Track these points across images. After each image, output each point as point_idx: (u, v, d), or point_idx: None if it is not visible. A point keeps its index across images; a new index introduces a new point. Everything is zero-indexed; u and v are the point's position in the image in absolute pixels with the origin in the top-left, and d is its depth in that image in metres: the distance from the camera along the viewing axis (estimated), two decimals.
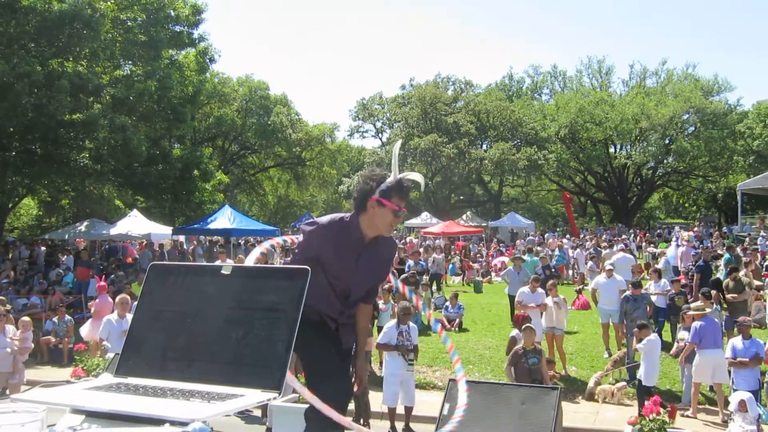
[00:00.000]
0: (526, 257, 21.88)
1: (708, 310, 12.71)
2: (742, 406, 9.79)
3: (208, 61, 36.18)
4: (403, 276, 17.46)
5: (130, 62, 30.61)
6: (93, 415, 2.15)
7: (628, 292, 14.79)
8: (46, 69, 23.96)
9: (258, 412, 12.27)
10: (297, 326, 2.43)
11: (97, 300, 16.36)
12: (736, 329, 12.18)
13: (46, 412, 1.96)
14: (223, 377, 2.40)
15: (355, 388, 4.05)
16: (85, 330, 14.65)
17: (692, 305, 13.36)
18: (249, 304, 2.55)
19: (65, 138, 26.04)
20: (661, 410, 9.19)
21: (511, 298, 17.43)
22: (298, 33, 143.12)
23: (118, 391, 2.36)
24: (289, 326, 2.43)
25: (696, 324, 12.13)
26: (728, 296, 15.77)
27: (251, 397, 2.29)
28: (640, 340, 11.95)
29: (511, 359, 11.01)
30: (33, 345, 13.52)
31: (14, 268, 24.49)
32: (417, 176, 4.31)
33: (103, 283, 18.25)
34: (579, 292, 22.12)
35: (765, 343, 11.54)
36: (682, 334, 12.82)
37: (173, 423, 1.97)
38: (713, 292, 15.56)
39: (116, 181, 31.66)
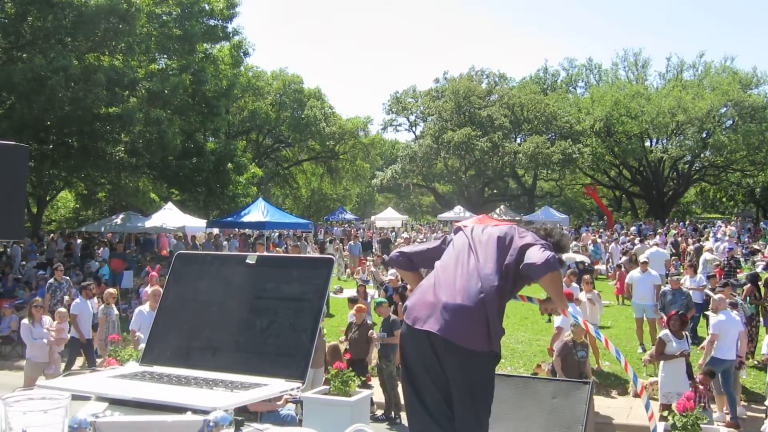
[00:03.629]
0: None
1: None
2: None
3: (242, 54, 36.43)
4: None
5: (165, 56, 30.88)
6: (116, 403, 2.16)
7: (666, 287, 14.64)
8: (83, 63, 24.28)
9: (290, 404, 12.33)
10: (321, 316, 2.42)
11: (146, 288, 16.52)
12: None
13: (69, 399, 1.96)
14: (247, 366, 2.39)
15: None
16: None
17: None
18: (274, 293, 2.54)
19: (101, 131, 26.35)
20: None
21: None
22: (332, 27, 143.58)
23: (142, 380, 2.37)
24: (314, 316, 2.42)
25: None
26: None
27: (275, 386, 2.28)
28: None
29: (561, 350, 10.97)
30: (69, 336, 13.69)
31: (51, 260, 24.81)
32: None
33: (154, 273, 18.45)
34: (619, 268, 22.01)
35: None
36: None
37: (195, 411, 1.97)
38: (747, 286, 15.35)
39: (151, 174, 31.99)
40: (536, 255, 3.83)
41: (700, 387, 10.21)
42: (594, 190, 53.44)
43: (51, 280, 17.33)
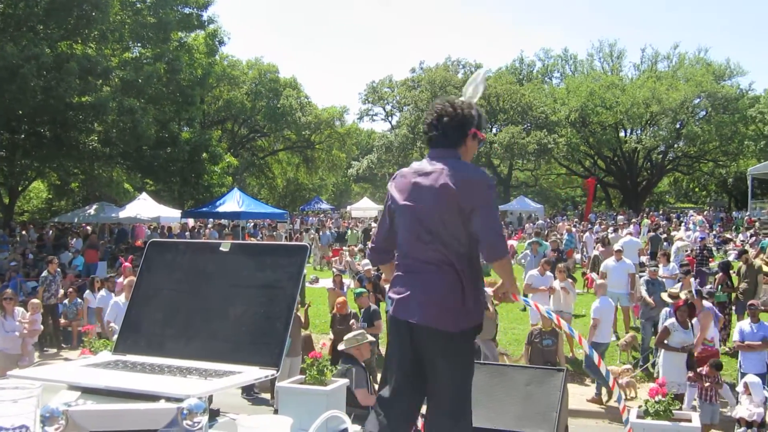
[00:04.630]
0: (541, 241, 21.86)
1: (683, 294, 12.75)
2: (747, 389, 9.78)
3: (217, 43, 36.22)
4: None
5: (138, 44, 30.63)
6: (89, 392, 2.15)
7: (645, 276, 14.75)
8: (55, 51, 23.99)
9: (266, 395, 12.35)
10: (296, 303, 2.42)
11: (120, 280, 16.44)
12: (746, 312, 12.12)
13: (41, 389, 1.94)
14: (222, 354, 2.39)
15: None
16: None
17: (669, 291, 13.31)
18: (248, 281, 2.53)
19: (74, 121, 26.08)
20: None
21: None
22: (308, 16, 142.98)
23: (115, 368, 2.36)
24: (288, 303, 2.42)
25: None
26: (741, 285, 15.55)
27: (249, 374, 2.27)
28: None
29: (527, 339, 11.09)
30: (42, 327, 13.56)
31: (23, 251, 24.55)
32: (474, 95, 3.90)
33: (127, 263, 18.31)
34: (584, 275, 22.18)
35: None
36: None
37: (169, 399, 1.96)
38: (719, 275, 15.51)
39: (125, 164, 31.75)
40: (483, 235, 3.47)
41: (705, 380, 10.05)
42: (593, 185, 53.59)
43: (44, 273, 16.99)
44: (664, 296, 13.13)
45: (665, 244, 24.63)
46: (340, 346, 9.62)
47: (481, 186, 3.51)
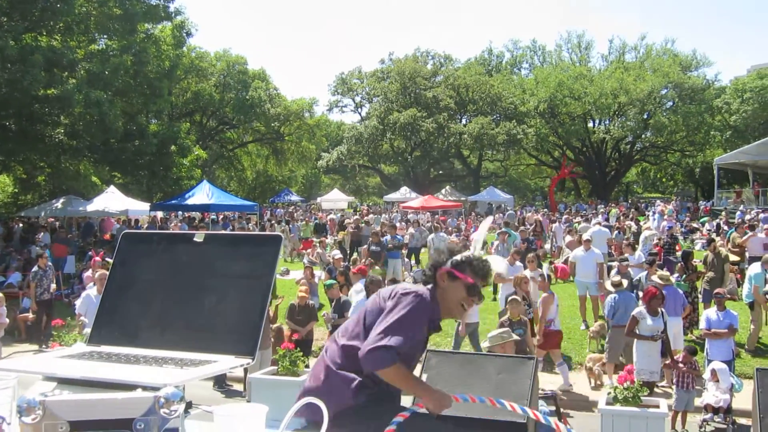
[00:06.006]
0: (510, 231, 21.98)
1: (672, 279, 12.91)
2: (714, 375, 9.92)
3: (184, 35, 35.91)
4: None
5: (105, 36, 30.28)
6: (65, 382, 2.15)
7: (615, 270, 14.89)
8: (20, 43, 23.64)
9: (238, 387, 12.35)
10: (270, 292, 2.44)
11: (88, 273, 16.32)
12: (712, 300, 12.30)
13: (17, 380, 1.95)
14: (197, 344, 2.39)
15: None
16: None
17: (655, 276, 13.43)
18: (222, 270, 2.54)
19: (40, 113, 25.78)
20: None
21: None
22: (276, 7, 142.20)
23: (90, 359, 2.35)
24: (263, 292, 2.43)
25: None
26: (708, 274, 15.75)
27: (225, 362, 2.28)
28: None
29: None
30: (8, 321, 13.43)
31: None
32: (498, 264, 3.83)
33: (97, 258, 18.16)
34: (551, 263, 22.40)
35: (738, 315, 11.72)
36: None
37: (145, 388, 1.97)
38: (679, 265, 15.72)
39: (92, 157, 31.41)
40: (368, 340, 3.34)
41: (681, 366, 10.07)
42: (571, 169, 53.84)
43: (35, 268, 16.69)
44: (607, 284, 13.29)
45: (616, 232, 24.78)
46: (484, 344, 9.40)
47: (404, 292, 3.48)
